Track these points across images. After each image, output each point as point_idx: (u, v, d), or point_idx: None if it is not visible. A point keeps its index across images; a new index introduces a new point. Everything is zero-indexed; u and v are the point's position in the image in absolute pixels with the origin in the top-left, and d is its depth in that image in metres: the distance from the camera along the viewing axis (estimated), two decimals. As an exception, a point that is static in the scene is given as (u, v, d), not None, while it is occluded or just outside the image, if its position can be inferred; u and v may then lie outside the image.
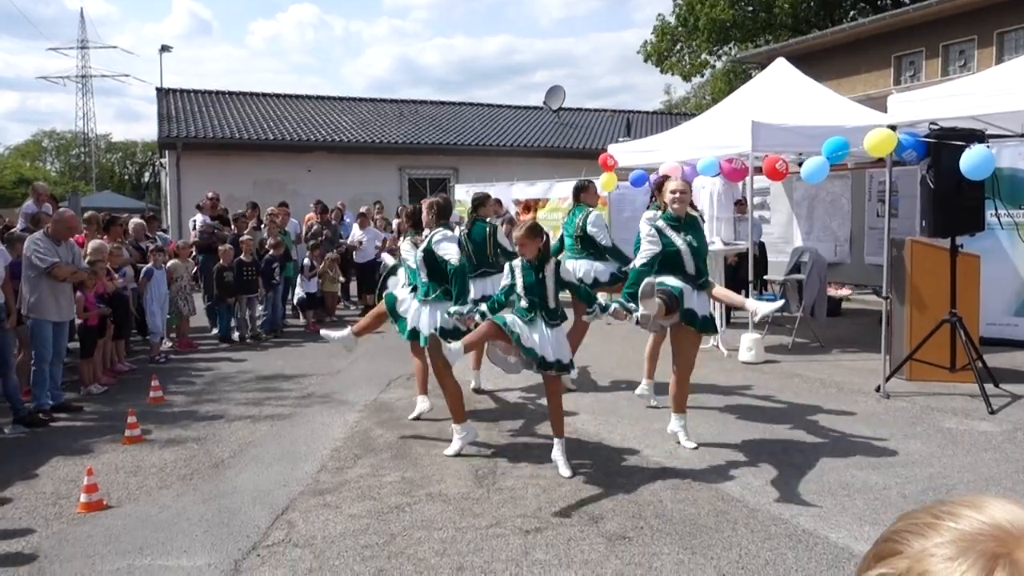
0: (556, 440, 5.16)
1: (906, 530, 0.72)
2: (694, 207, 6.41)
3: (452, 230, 5.94)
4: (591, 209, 7.19)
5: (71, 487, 4.95)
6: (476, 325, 5.09)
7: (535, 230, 5.05)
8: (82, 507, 4.57)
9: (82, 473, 4.80)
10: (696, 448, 5.47)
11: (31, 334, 6.79)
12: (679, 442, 5.56)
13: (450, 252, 5.46)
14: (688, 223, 5.39)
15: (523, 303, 5.01)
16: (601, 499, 4.60)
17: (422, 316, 5.71)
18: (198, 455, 5.63)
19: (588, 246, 7.06)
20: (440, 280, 5.63)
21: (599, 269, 7.03)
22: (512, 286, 5.11)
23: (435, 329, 5.59)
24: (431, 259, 5.59)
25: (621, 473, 5.05)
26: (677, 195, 5.33)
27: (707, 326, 5.46)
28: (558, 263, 5.18)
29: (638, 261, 5.39)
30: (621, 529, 4.16)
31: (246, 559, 3.91)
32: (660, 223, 5.37)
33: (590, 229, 6.99)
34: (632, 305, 5.09)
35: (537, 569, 3.72)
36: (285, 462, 5.42)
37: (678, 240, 5.29)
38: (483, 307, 5.20)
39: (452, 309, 5.27)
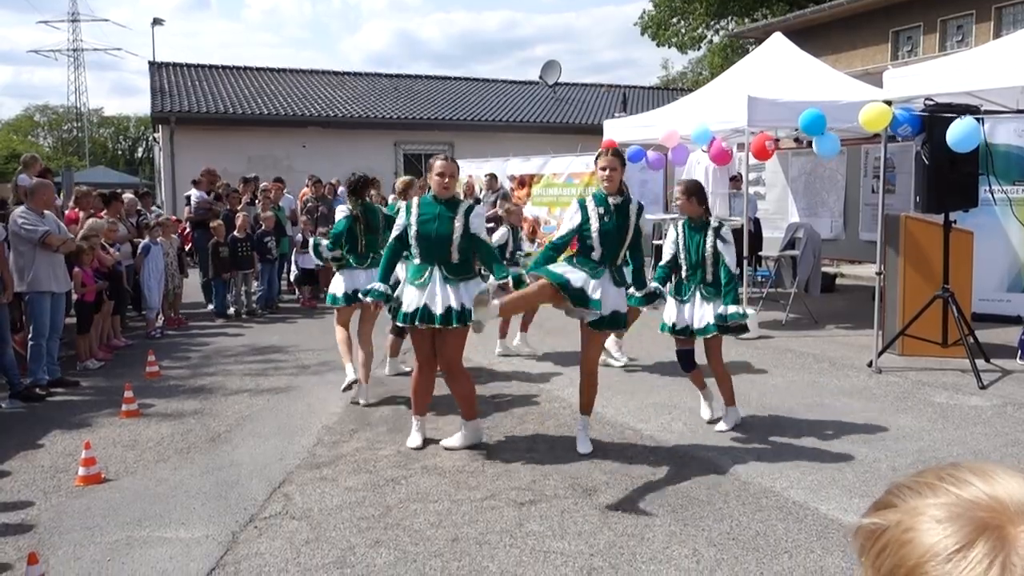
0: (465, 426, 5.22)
1: (908, 486, 0.72)
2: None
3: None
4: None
5: (69, 460, 4.98)
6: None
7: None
8: (80, 480, 4.61)
9: (80, 447, 4.84)
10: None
11: (29, 309, 6.79)
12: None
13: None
14: (618, 204, 4.87)
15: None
16: (594, 472, 4.65)
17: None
18: (195, 429, 5.67)
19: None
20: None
21: None
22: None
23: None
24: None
25: (614, 447, 5.10)
26: (606, 172, 4.87)
27: (599, 323, 4.78)
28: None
29: (555, 235, 5.10)
30: (614, 501, 4.22)
31: (243, 531, 3.96)
32: (588, 198, 4.99)
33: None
34: (526, 280, 4.79)
35: (531, 540, 3.78)
36: (282, 436, 5.46)
37: (594, 219, 4.84)
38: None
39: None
